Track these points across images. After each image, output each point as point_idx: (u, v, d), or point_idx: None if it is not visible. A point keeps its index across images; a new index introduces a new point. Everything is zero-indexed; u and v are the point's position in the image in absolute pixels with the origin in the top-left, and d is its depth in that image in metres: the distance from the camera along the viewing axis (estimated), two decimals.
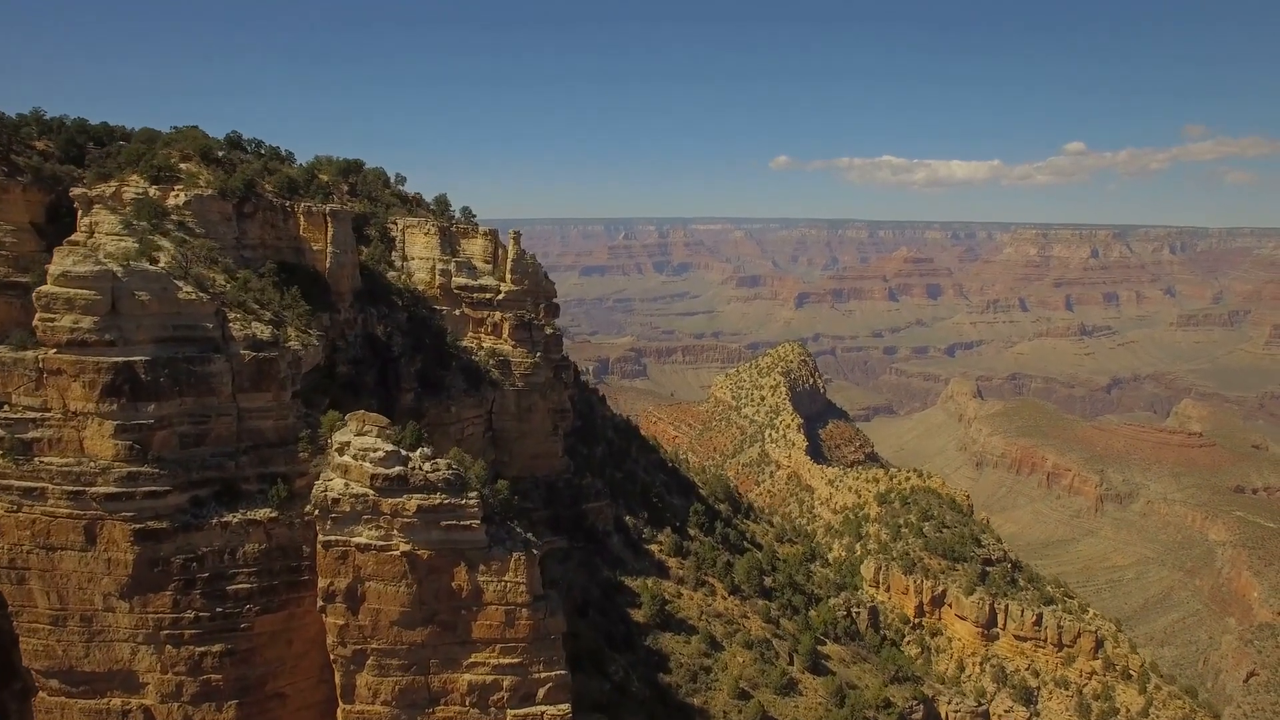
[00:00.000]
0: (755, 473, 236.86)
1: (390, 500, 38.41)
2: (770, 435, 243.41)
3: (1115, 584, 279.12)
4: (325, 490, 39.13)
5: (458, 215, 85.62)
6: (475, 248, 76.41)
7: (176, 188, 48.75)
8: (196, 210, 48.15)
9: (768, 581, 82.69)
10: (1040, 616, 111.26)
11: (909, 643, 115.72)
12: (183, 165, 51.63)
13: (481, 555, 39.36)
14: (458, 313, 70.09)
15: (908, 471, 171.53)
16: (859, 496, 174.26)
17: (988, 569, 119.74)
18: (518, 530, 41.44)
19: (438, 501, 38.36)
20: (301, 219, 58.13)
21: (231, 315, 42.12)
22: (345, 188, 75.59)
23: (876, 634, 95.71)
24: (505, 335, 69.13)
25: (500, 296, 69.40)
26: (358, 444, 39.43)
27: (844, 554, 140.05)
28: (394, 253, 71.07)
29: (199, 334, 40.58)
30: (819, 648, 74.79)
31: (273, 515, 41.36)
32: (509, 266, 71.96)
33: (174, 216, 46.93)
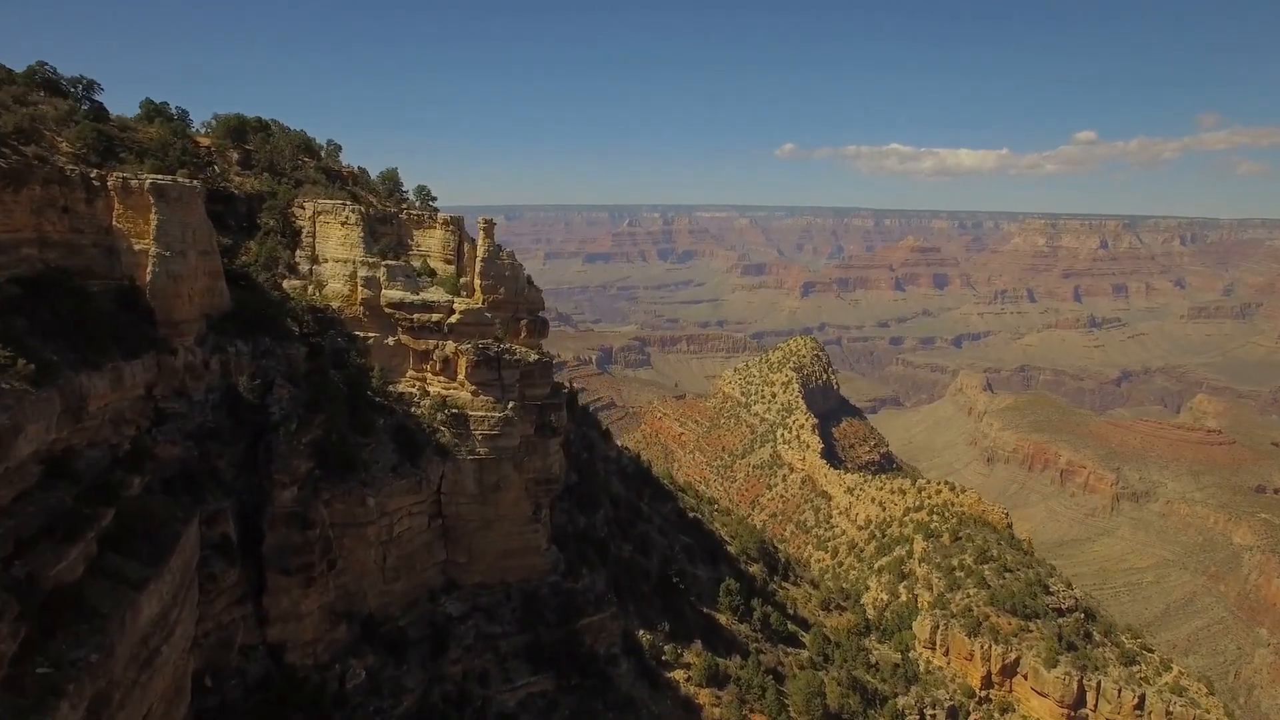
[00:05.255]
0: (767, 476, 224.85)
1: None
2: (783, 435, 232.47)
3: (1134, 587, 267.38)
4: None
5: (411, 197, 62.81)
6: (432, 242, 53.64)
7: None
8: None
9: (831, 701, 60.43)
10: (1143, 698, 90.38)
11: None
12: None
13: None
14: (391, 342, 46.74)
15: (938, 484, 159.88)
16: (884, 509, 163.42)
17: (1060, 621, 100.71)
18: None
19: None
20: (116, 199, 34.73)
21: None
22: (235, 155, 51.84)
23: None
24: (461, 375, 45.44)
25: (454, 319, 45.92)
26: None
27: (885, 596, 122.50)
28: (299, 252, 47.49)
29: None
30: None
31: None
32: (477, 269, 49.06)
33: None
